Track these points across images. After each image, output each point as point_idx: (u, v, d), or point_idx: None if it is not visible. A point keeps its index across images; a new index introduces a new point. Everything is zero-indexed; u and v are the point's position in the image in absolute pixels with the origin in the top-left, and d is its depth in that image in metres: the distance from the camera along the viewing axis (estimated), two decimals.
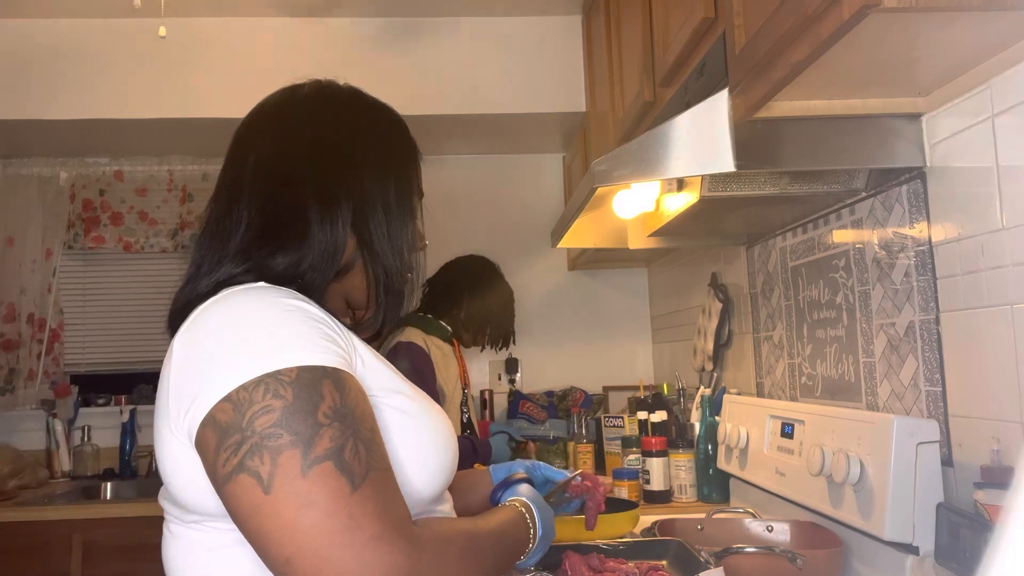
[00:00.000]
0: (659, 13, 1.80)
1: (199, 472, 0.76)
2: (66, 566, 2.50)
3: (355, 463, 0.71)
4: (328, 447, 0.71)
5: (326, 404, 0.73)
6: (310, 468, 0.69)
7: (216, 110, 2.84)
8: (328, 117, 0.97)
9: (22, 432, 3.15)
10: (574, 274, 3.40)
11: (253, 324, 0.77)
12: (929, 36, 1.02)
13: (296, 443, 0.70)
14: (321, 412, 0.72)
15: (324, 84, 1.01)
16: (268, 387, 0.72)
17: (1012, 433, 1.12)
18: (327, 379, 0.74)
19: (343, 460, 0.70)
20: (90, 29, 2.85)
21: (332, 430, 0.72)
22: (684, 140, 1.31)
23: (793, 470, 1.55)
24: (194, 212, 3.32)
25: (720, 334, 2.29)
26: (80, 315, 3.32)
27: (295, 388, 0.72)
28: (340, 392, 0.75)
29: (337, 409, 0.73)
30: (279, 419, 0.71)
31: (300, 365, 0.74)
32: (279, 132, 0.96)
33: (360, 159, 0.94)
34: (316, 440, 0.70)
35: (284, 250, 0.87)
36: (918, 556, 1.21)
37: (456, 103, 2.91)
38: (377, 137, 0.98)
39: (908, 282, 1.37)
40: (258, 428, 0.70)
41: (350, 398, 0.75)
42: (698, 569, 1.15)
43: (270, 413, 0.71)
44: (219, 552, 0.79)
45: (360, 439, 0.73)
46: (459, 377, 2.56)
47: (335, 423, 0.72)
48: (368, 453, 0.73)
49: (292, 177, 0.91)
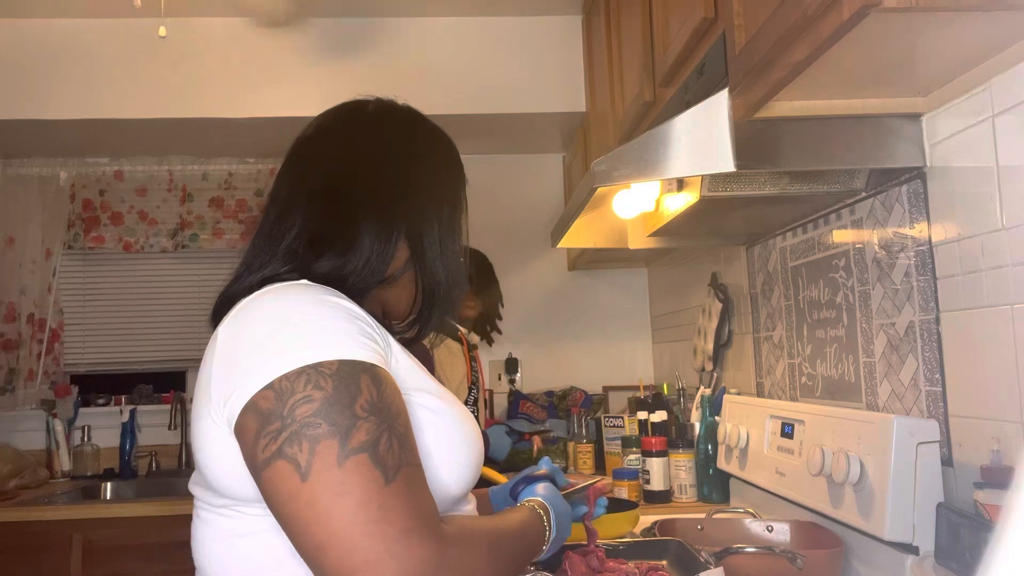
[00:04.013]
0: (659, 13, 1.80)
1: (237, 459, 0.78)
2: (66, 566, 2.50)
3: (389, 457, 0.73)
4: (364, 440, 0.73)
5: (364, 398, 0.75)
6: (347, 459, 0.71)
7: (216, 110, 2.84)
8: (389, 136, 1.01)
9: (22, 432, 3.15)
10: (574, 274, 3.40)
11: (297, 318, 0.80)
12: (929, 36, 1.02)
13: (334, 433, 0.72)
14: (359, 405, 0.74)
15: (387, 103, 1.05)
16: (310, 378, 0.74)
17: (1012, 433, 1.12)
18: (365, 374, 0.77)
19: (378, 453, 0.73)
20: (90, 29, 2.85)
21: (369, 423, 0.74)
22: (684, 140, 1.31)
23: (793, 470, 1.55)
24: (194, 212, 3.32)
25: (720, 334, 2.29)
26: (80, 315, 3.32)
27: (335, 380, 0.75)
28: (377, 387, 0.77)
29: (374, 403, 0.76)
30: (319, 409, 0.73)
31: (341, 359, 0.76)
32: (341, 148, 1.00)
33: (418, 179, 0.99)
34: (353, 432, 0.73)
35: (330, 254, 0.91)
36: (918, 556, 1.21)
37: (456, 103, 2.91)
38: (435, 159, 1.03)
39: (908, 282, 1.37)
40: (298, 416, 0.73)
41: (386, 394, 0.78)
42: (698, 569, 1.15)
43: (310, 403, 0.73)
44: (252, 538, 0.81)
45: (395, 434, 0.75)
46: (466, 376, 2.56)
47: (372, 417, 0.74)
48: (402, 448, 0.75)
49: (349, 191, 0.95)
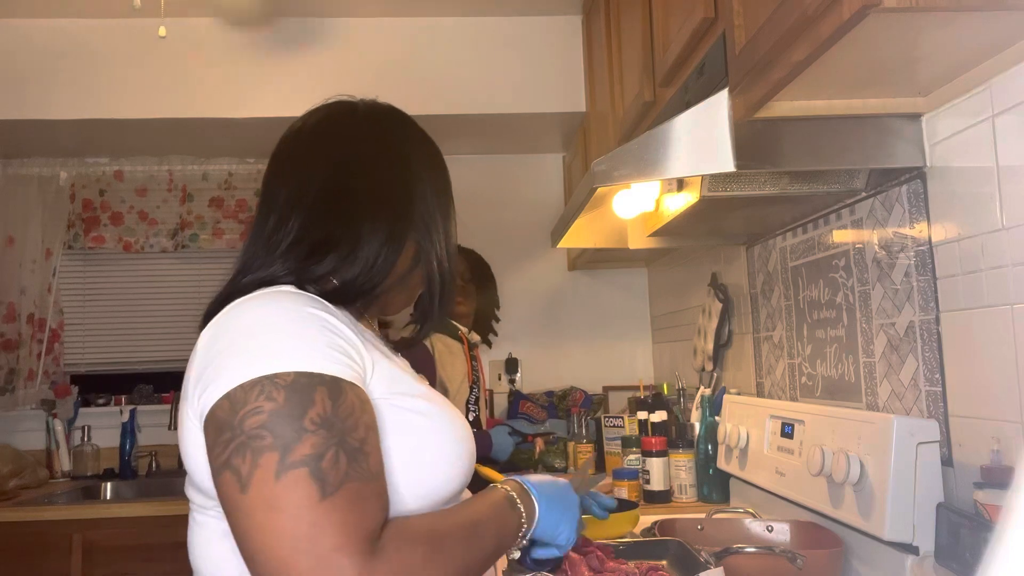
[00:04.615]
0: (659, 13, 1.80)
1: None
2: (66, 566, 2.50)
3: (332, 472, 0.72)
4: (307, 453, 0.72)
5: (315, 410, 0.75)
6: (284, 472, 0.71)
7: (216, 110, 2.84)
8: (385, 137, 1.02)
9: (22, 432, 3.15)
10: (574, 274, 3.40)
11: (267, 327, 0.80)
12: (929, 36, 1.02)
13: (276, 446, 0.72)
14: (308, 418, 0.74)
15: (372, 104, 1.05)
16: (263, 389, 0.75)
17: (1012, 433, 1.12)
18: (322, 386, 0.76)
19: (319, 468, 0.72)
20: (90, 29, 2.85)
21: (316, 437, 0.73)
22: (684, 140, 1.31)
23: (793, 470, 1.55)
24: (194, 212, 3.32)
25: (720, 334, 2.29)
26: (80, 315, 3.32)
27: (288, 392, 0.75)
28: (333, 400, 0.76)
29: (326, 417, 0.75)
30: (266, 421, 0.73)
31: (298, 370, 0.76)
32: (338, 150, 0.99)
33: (418, 177, 1.00)
34: (296, 445, 0.72)
35: (333, 258, 0.91)
36: (918, 556, 1.21)
37: (456, 103, 2.91)
38: (427, 156, 1.05)
39: (908, 282, 1.37)
40: (247, 428, 0.73)
41: (343, 407, 0.76)
42: (698, 569, 1.15)
43: (259, 414, 0.74)
44: None
45: (345, 448, 0.74)
46: (466, 375, 2.56)
47: (320, 431, 0.74)
48: (351, 463, 0.74)
49: (351, 194, 0.95)
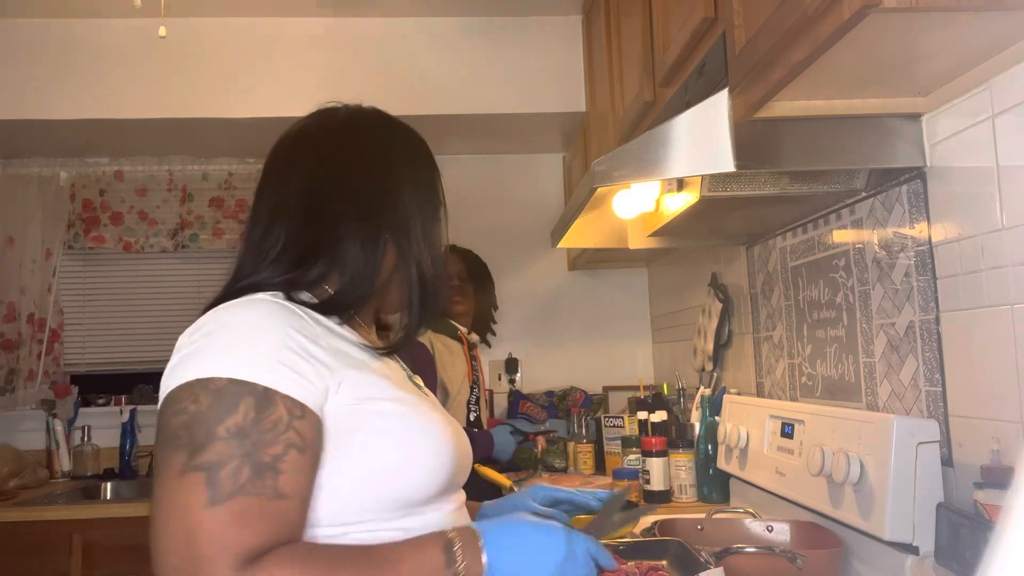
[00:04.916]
0: (659, 13, 1.80)
1: None
2: (66, 566, 2.50)
3: (227, 483, 0.73)
4: (209, 460, 0.74)
5: (234, 419, 0.76)
6: (185, 474, 0.74)
7: (216, 110, 2.84)
8: (364, 142, 1.02)
9: (22, 432, 3.15)
10: (574, 274, 3.40)
11: (224, 334, 0.82)
12: (929, 36, 1.02)
13: (187, 447, 0.75)
14: (224, 426, 0.76)
15: (354, 109, 1.06)
16: (193, 392, 0.77)
17: (1012, 433, 1.12)
18: (250, 396, 0.77)
19: (216, 476, 0.74)
20: (90, 29, 2.84)
21: (223, 445, 0.75)
22: (684, 140, 1.31)
23: (793, 470, 1.55)
24: (194, 212, 3.32)
25: (720, 334, 2.29)
26: (80, 315, 3.32)
27: (213, 398, 0.77)
28: (258, 412, 0.77)
29: (242, 427, 0.76)
30: (187, 422, 0.76)
31: (232, 377, 0.77)
32: (317, 158, 1.01)
33: (396, 182, 1.00)
34: (203, 450, 0.75)
35: (318, 267, 0.93)
36: (918, 556, 1.21)
37: (456, 103, 2.91)
38: (409, 158, 1.04)
39: (908, 282, 1.37)
40: (171, 426, 0.77)
41: (266, 421, 0.77)
42: (698, 569, 1.15)
43: (183, 416, 0.77)
44: None
45: (251, 461, 0.75)
46: (466, 375, 2.56)
47: (231, 440, 0.75)
48: (252, 478, 0.75)
49: (330, 202, 0.96)
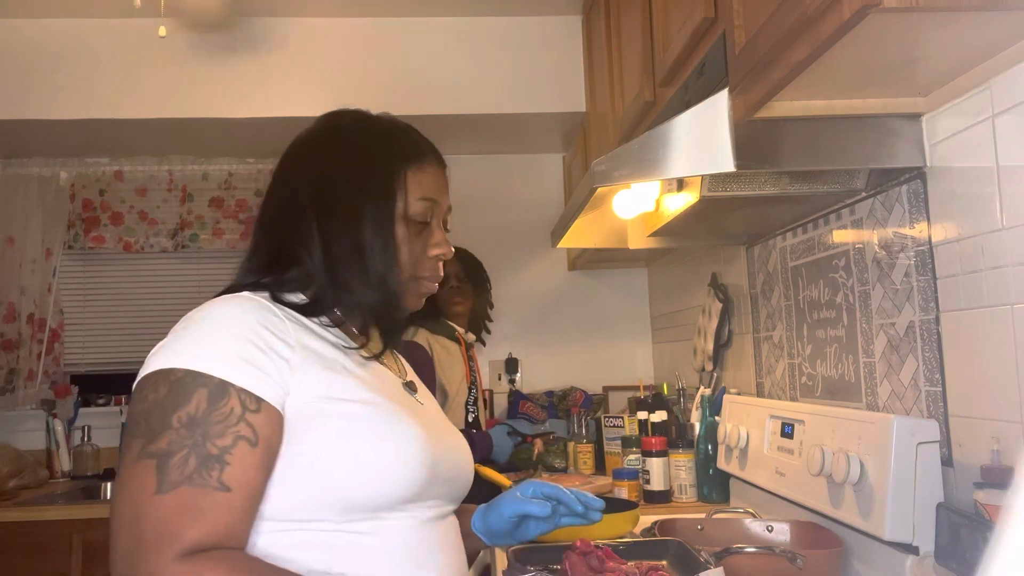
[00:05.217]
0: (659, 13, 1.80)
1: None
2: (66, 566, 2.50)
3: (175, 471, 0.75)
4: (161, 448, 0.77)
5: (186, 410, 0.78)
6: (138, 460, 0.76)
7: (216, 110, 2.84)
8: (333, 147, 1.01)
9: (22, 432, 3.15)
10: (574, 274, 3.40)
11: (193, 328, 0.85)
12: (929, 36, 1.02)
13: (144, 433, 0.78)
14: (177, 416, 0.78)
15: (327, 114, 1.05)
16: (155, 382, 0.81)
17: (1012, 433, 1.12)
18: (204, 388, 0.79)
19: (166, 464, 0.76)
20: (90, 29, 2.84)
21: (175, 434, 0.77)
22: (684, 140, 1.31)
23: (793, 470, 1.55)
24: (194, 212, 3.32)
25: (720, 334, 2.29)
26: (80, 315, 3.32)
27: (171, 387, 0.79)
28: (211, 404, 0.79)
29: (194, 418, 0.78)
30: (146, 409, 0.79)
31: (189, 369, 0.80)
32: (293, 162, 1.02)
33: (336, 189, 0.96)
34: (156, 438, 0.77)
35: (293, 271, 0.96)
36: (918, 556, 1.21)
37: (456, 103, 2.91)
38: (357, 169, 0.98)
39: (908, 282, 1.37)
40: (134, 413, 0.80)
41: (218, 413, 0.79)
42: (698, 569, 1.15)
43: (143, 404, 0.80)
44: None
45: (199, 452, 0.77)
46: (464, 376, 2.56)
47: (183, 430, 0.77)
48: (199, 467, 0.76)
49: (298, 205, 0.97)
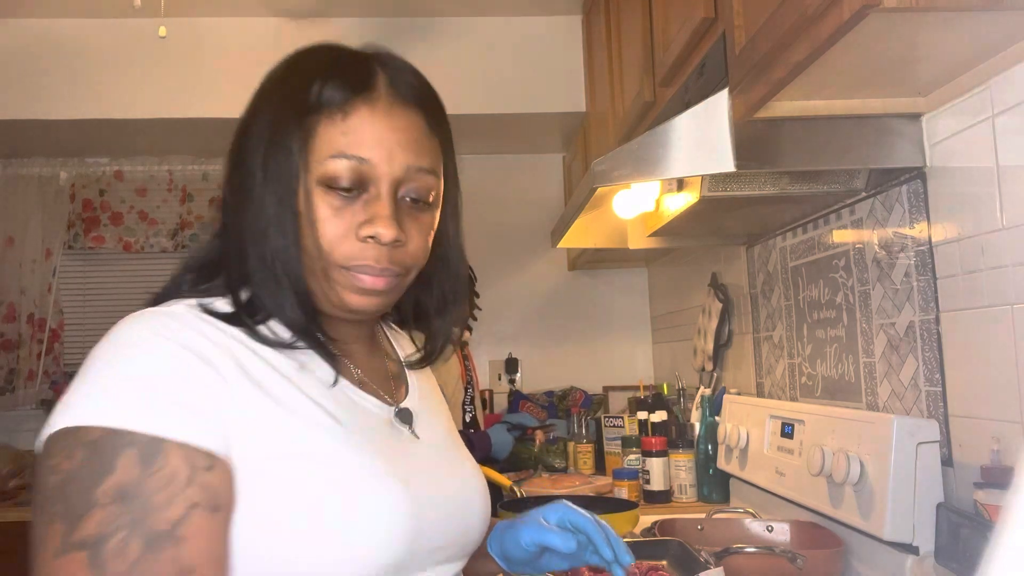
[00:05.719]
0: (659, 13, 1.80)
1: None
2: None
3: (114, 561, 0.60)
4: (90, 534, 0.61)
5: (113, 480, 0.62)
6: (62, 553, 0.61)
7: (216, 110, 2.83)
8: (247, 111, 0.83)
9: (22, 432, 3.14)
10: (574, 274, 3.40)
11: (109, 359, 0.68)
12: (929, 36, 1.02)
13: (64, 518, 0.62)
14: (102, 489, 0.62)
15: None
16: (66, 444, 0.64)
17: (1012, 433, 1.12)
18: (131, 449, 0.63)
19: (100, 553, 0.60)
20: (90, 29, 2.84)
21: (105, 513, 0.61)
22: (684, 140, 1.31)
23: (793, 470, 1.55)
24: (194, 212, 3.32)
25: (720, 334, 2.29)
26: (80, 315, 3.31)
27: (87, 452, 0.63)
28: (144, 467, 0.63)
29: (125, 489, 0.62)
30: (60, 483, 0.63)
31: (105, 426, 0.63)
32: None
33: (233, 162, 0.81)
34: (81, 522, 0.61)
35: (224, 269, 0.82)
36: (918, 556, 1.21)
37: (456, 103, 2.87)
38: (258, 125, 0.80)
39: (908, 282, 1.37)
40: (46, 488, 0.64)
41: (157, 478, 0.63)
42: (698, 569, 1.15)
43: (56, 475, 0.63)
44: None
45: (140, 531, 0.61)
46: (460, 377, 2.56)
47: (113, 505, 0.61)
48: (145, 551, 0.61)
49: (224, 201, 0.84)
